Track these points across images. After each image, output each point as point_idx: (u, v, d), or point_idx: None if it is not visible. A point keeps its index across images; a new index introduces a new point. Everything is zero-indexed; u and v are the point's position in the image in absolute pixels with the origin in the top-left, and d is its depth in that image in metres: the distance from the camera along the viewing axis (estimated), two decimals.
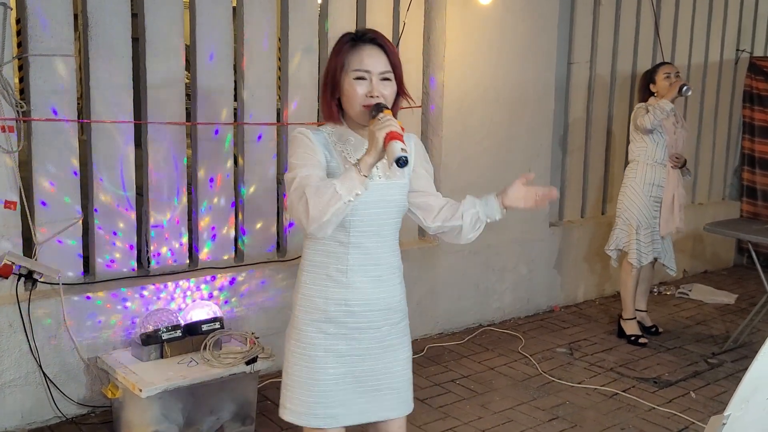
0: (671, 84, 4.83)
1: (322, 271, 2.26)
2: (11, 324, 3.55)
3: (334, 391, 2.26)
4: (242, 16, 4.19)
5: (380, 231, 2.25)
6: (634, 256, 4.94)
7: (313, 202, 2.04)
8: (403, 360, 2.38)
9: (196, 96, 4.09)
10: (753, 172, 7.06)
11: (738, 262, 7.28)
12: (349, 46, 2.23)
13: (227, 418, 3.65)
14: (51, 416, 3.70)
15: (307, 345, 2.27)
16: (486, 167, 5.16)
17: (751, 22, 7.18)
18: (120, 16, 3.76)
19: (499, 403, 4.11)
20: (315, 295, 2.27)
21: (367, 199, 2.17)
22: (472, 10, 4.87)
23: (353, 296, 2.24)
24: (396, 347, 2.35)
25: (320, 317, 2.26)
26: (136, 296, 3.89)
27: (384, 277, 2.28)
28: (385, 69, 2.20)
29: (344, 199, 2.03)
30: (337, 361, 2.26)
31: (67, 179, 3.72)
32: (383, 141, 2.01)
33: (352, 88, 2.18)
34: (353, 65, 2.19)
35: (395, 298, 2.32)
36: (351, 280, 2.24)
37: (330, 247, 2.24)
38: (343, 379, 2.27)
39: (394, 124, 2.04)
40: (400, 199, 2.29)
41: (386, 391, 2.34)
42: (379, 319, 2.29)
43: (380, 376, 2.32)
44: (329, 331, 2.26)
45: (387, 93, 2.20)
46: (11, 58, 3.51)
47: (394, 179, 2.26)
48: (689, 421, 3.93)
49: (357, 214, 2.19)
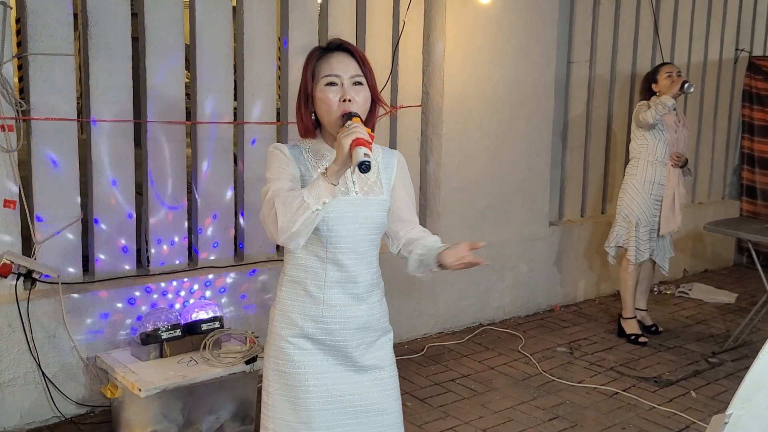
0: (673, 82, 4.83)
1: (299, 287, 2.20)
2: (10, 323, 3.55)
3: (317, 411, 2.18)
4: (242, 16, 4.19)
5: (357, 248, 2.18)
6: (632, 253, 4.94)
7: (282, 213, 2.00)
8: (387, 379, 2.28)
9: (196, 95, 4.09)
10: (752, 171, 7.06)
11: (738, 261, 7.28)
12: (318, 56, 2.21)
13: (227, 418, 3.65)
14: (50, 416, 3.70)
15: (286, 362, 2.20)
16: (486, 166, 5.16)
17: (750, 21, 7.18)
18: (120, 16, 3.76)
19: (499, 403, 4.10)
20: (292, 310, 2.21)
21: (345, 214, 2.14)
22: (472, 9, 4.87)
23: (329, 313, 2.18)
24: (377, 367, 2.25)
25: (297, 333, 2.19)
26: (136, 295, 3.88)
27: (362, 295, 2.21)
28: (355, 72, 2.17)
29: (312, 208, 1.98)
30: (318, 378, 2.19)
31: (67, 178, 3.72)
32: (349, 148, 1.96)
33: (324, 95, 2.15)
34: (323, 72, 2.17)
35: (373, 317, 2.24)
36: (328, 296, 2.18)
37: (308, 262, 2.18)
38: (326, 398, 2.19)
39: (360, 131, 1.98)
40: (379, 216, 2.22)
41: (372, 413, 2.24)
42: (356, 337, 2.21)
43: (364, 396, 2.23)
44: (306, 347, 2.19)
45: (359, 99, 2.15)
46: (11, 57, 3.50)
47: (372, 195, 2.21)
48: (690, 421, 3.93)
49: (334, 230, 2.14)
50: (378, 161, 2.26)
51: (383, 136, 4.70)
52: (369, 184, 2.22)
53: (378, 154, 2.28)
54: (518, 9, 5.11)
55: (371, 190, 2.21)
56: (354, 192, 2.18)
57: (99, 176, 3.83)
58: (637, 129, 4.96)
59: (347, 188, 2.17)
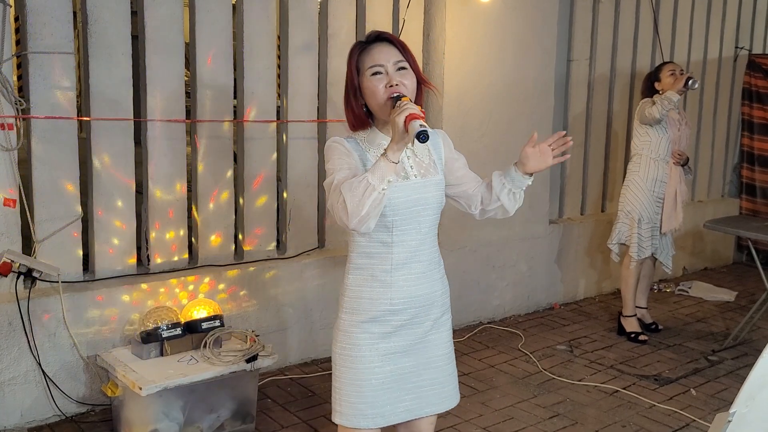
0: (677, 79, 4.84)
1: (367, 273, 2.31)
2: (10, 322, 3.54)
3: (381, 391, 2.30)
4: (242, 14, 4.18)
5: (420, 228, 2.29)
6: (634, 249, 4.94)
7: (349, 198, 2.08)
8: (444, 355, 2.41)
9: (196, 93, 4.08)
10: (752, 169, 7.06)
11: (737, 260, 7.29)
12: (359, 49, 2.31)
13: (227, 416, 3.65)
14: (50, 414, 3.69)
15: (353, 347, 2.31)
16: (485, 164, 5.12)
17: (749, 19, 7.18)
18: (119, 14, 3.75)
19: (499, 401, 4.10)
20: (361, 296, 2.31)
21: (407, 197, 2.25)
22: (472, 7, 4.87)
23: (397, 294, 2.29)
24: (437, 342, 2.39)
25: (365, 318, 2.30)
26: (136, 294, 3.88)
27: (426, 273, 2.33)
28: (397, 59, 2.26)
29: (378, 188, 2.07)
30: (382, 360, 2.30)
31: (67, 177, 3.71)
32: (403, 124, 2.06)
33: (372, 84, 2.24)
34: (367, 64, 2.26)
35: (437, 293, 2.37)
36: (395, 278, 2.28)
37: (373, 248, 2.29)
38: (389, 378, 2.31)
39: (412, 107, 2.08)
40: (438, 196, 2.33)
41: (428, 387, 2.38)
42: (422, 314, 2.34)
43: (422, 372, 2.36)
44: (373, 331, 2.30)
45: (407, 82, 2.25)
46: (10, 55, 3.49)
47: (429, 177, 2.31)
48: (690, 419, 3.93)
49: (398, 213, 2.24)
50: (427, 143, 2.31)
51: None
52: (424, 166, 2.32)
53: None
54: (518, 7, 5.11)
55: (427, 171, 2.32)
56: (413, 176, 2.28)
57: (99, 175, 3.83)
58: (640, 126, 4.95)
59: (406, 173, 2.27)
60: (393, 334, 2.31)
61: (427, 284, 2.34)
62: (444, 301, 2.43)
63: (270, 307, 4.34)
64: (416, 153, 2.33)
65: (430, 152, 2.36)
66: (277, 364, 4.18)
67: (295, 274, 4.41)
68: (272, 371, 4.29)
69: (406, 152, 2.29)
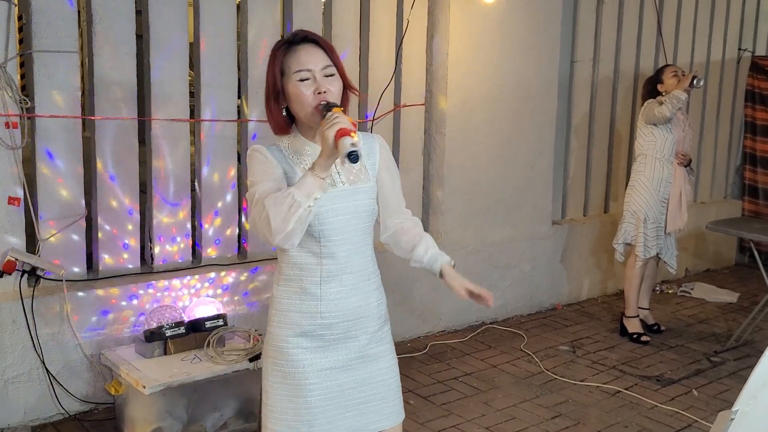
0: (680, 80, 4.85)
1: (296, 284, 2.18)
2: (14, 320, 3.55)
3: (319, 408, 2.17)
4: (246, 14, 4.19)
5: (351, 238, 2.17)
6: (640, 249, 4.94)
7: (273, 214, 1.96)
8: (386, 368, 2.28)
9: (200, 93, 4.09)
10: (755, 171, 7.06)
11: (740, 261, 7.28)
12: (284, 50, 2.15)
13: (231, 415, 3.66)
14: (54, 412, 3.70)
15: (285, 362, 2.18)
16: (489, 165, 5.16)
17: (753, 21, 7.17)
18: (124, 13, 3.76)
19: (501, 401, 4.11)
20: (290, 309, 2.18)
21: (335, 206, 2.13)
22: (476, 8, 4.87)
23: (327, 308, 2.16)
24: (377, 356, 2.25)
25: (296, 332, 2.17)
26: (140, 293, 3.89)
27: (359, 285, 2.20)
28: (326, 64, 2.12)
29: (304, 205, 1.96)
30: (318, 375, 2.17)
31: (71, 176, 3.72)
32: (333, 139, 1.93)
33: (298, 90, 2.10)
34: (293, 67, 2.11)
35: (371, 305, 2.23)
36: (325, 291, 2.16)
37: (302, 258, 2.16)
38: (327, 395, 2.18)
39: (342, 121, 1.96)
40: (369, 203, 2.21)
41: (372, 403, 2.25)
42: (356, 328, 2.20)
43: (364, 388, 2.23)
44: (306, 345, 2.17)
45: (334, 89, 2.12)
46: (15, 54, 3.51)
47: (359, 184, 2.19)
48: (692, 419, 3.93)
49: (326, 223, 2.12)
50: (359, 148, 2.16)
51: (386, 135, 4.71)
52: (354, 173, 2.19)
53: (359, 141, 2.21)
54: (522, 8, 5.12)
55: (357, 178, 2.19)
56: (341, 183, 2.16)
57: (103, 174, 3.84)
58: (645, 126, 4.95)
59: (333, 180, 2.14)
60: (327, 348, 2.18)
61: (359, 296, 2.20)
62: (381, 313, 2.27)
63: None
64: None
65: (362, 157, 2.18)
66: None
67: None
68: None
69: None
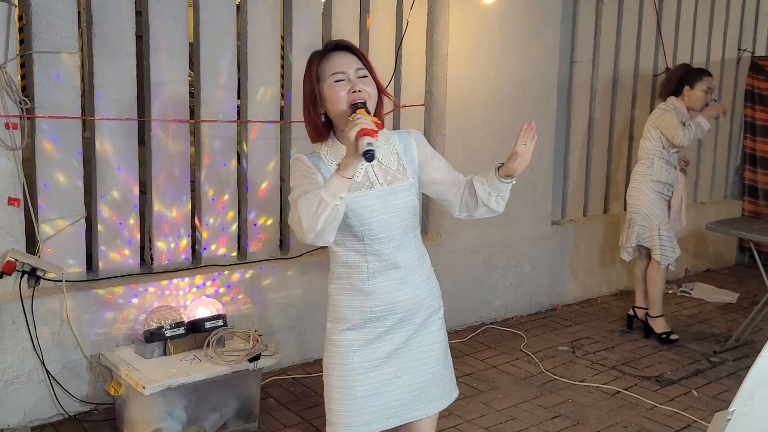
0: (707, 103, 4.88)
1: (345, 282, 2.31)
2: (14, 321, 3.56)
3: (365, 398, 2.30)
4: (245, 14, 4.20)
5: (393, 235, 2.27)
6: (657, 252, 4.90)
7: (304, 214, 2.08)
8: (431, 357, 2.38)
9: (200, 93, 4.10)
10: (755, 171, 7.06)
11: (740, 261, 7.28)
12: (319, 58, 2.30)
13: (230, 416, 3.66)
14: (54, 413, 3.71)
15: (336, 354, 2.32)
16: (488, 165, 5.13)
17: (752, 21, 7.17)
18: (124, 14, 3.77)
19: (501, 401, 4.11)
20: (341, 305, 2.32)
21: (375, 206, 2.24)
22: (475, 8, 4.87)
23: (376, 302, 2.28)
24: (421, 344, 2.36)
25: (347, 326, 2.30)
26: (140, 293, 3.89)
27: (407, 279, 2.31)
28: (358, 66, 2.26)
29: (330, 204, 2.06)
30: (366, 368, 2.30)
31: (71, 176, 3.73)
32: (354, 139, 2.03)
33: (334, 91, 2.22)
34: (328, 71, 2.25)
35: (419, 297, 2.34)
36: (372, 287, 2.28)
37: (349, 257, 2.29)
38: (374, 386, 2.30)
39: (364, 121, 2.06)
40: (408, 201, 2.31)
41: (417, 391, 2.36)
42: (405, 320, 2.32)
43: (406, 376, 2.34)
44: (356, 338, 2.30)
45: (369, 89, 2.24)
46: (15, 55, 3.51)
47: (397, 183, 2.29)
48: (691, 420, 3.93)
49: (366, 224, 2.23)
50: (395, 148, 2.33)
51: None
52: (392, 172, 2.30)
53: (394, 141, 2.35)
54: (521, 8, 5.12)
55: (395, 178, 2.30)
56: (378, 184, 2.27)
57: (103, 174, 3.84)
58: (656, 129, 4.92)
59: (371, 182, 2.25)
60: (376, 340, 2.31)
61: (407, 289, 2.31)
62: (430, 303, 2.39)
63: (273, 307, 4.34)
64: (381, 160, 2.29)
65: (398, 157, 2.34)
66: (280, 363, 4.19)
67: (298, 275, 4.42)
68: (275, 371, 4.29)
69: None
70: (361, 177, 2.25)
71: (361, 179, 2.24)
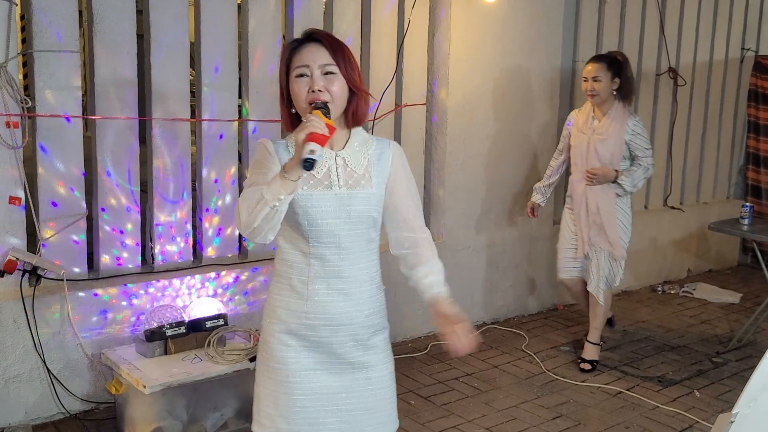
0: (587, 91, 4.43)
1: (285, 282, 2.18)
2: (15, 320, 3.56)
3: (298, 408, 2.15)
4: (247, 14, 4.19)
5: (341, 242, 2.13)
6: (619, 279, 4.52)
7: (244, 208, 1.99)
8: (377, 378, 2.22)
9: (201, 93, 4.09)
10: (758, 171, 7.04)
11: (742, 261, 7.26)
12: (290, 49, 2.16)
13: (231, 415, 3.65)
14: (55, 412, 3.71)
15: (271, 356, 2.18)
16: (490, 164, 5.16)
17: (756, 20, 7.15)
18: (125, 13, 3.76)
19: (502, 401, 4.10)
20: (278, 305, 2.19)
21: (326, 208, 2.11)
22: (477, 8, 4.86)
23: (313, 309, 2.14)
24: (366, 365, 2.20)
25: (282, 329, 2.17)
26: (141, 293, 3.89)
27: (351, 291, 2.16)
28: (325, 62, 2.10)
29: (270, 204, 1.95)
30: (301, 375, 2.16)
31: (72, 175, 3.72)
32: (303, 143, 1.92)
33: (296, 86, 2.10)
34: (294, 64, 2.12)
35: (362, 314, 2.18)
36: (312, 291, 2.14)
37: (293, 257, 2.16)
38: (309, 395, 2.16)
39: (315, 125, 1.94)
40: (365, 210, 2.15)
41: (359, 412, 2.20)
42: (341, 333, 2.16)
43: (350, 395, 2.19)
44: (291, 344, 2.16)
45: (334, 88, 2.09)
46: (16, 54, 3.51)
47: (358, 189, 2.14)
48: (693, 420, 3.92)
49: (314, 225, 2.10)
50: (368, 153, 2.20)
51: (387, 134, 4.70)
52: (355, 177, 2.15)
53: (369, 146, 2.21)
54: (523, 8, 5.11)
55: (357, 183, 2.15)
56: (338, 186, 2.13)
57: (104, 173, 3.84)
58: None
59: (330, 182, 2.12)
60: (311, 348, 2.16)
61: (349, 302, 2.16)
62: (372, 322, 2.21)
63: None
64: (348, 162, 2.16)
65: (369, 163, 2.18)
66: None
67: None
68: None
69: (335, 160, 2.14)
70: (322, 175, 2.12)
71: (322, 177, 2.12)
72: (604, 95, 4.38)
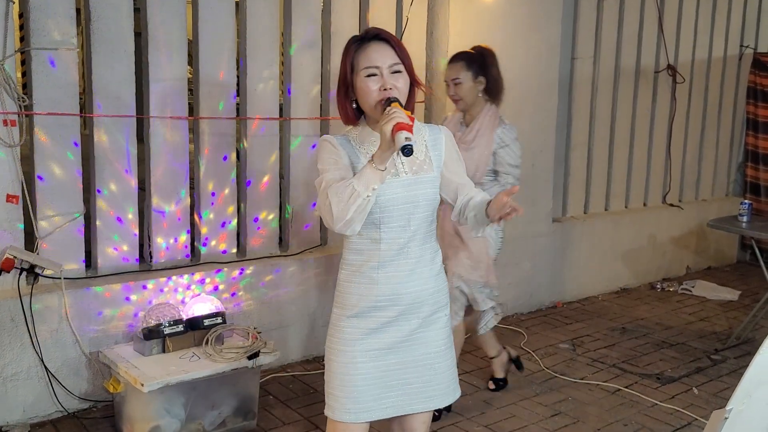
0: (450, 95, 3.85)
1: (355, 269, 2.31)
2: (13, 318, 3.56)
3: (364, 386, 2.30)
4: (245, 11, 4.19)
5: (409, 225, 2.27)
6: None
7: (335, 203, 2.12)
8: (435, 353, 2.37)
9: (199, 90, 4.09)
10: (757, 169, 7.04)
11: (741, 259, 7.27)
12: (356, 47, 2.28)
13: (229, 413, 3.65)
14: (53, 410, 3.70)
15: (339, 340, 2.33)
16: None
17: (755, 17, 7.15)
18: (122, 11, 3.76)
19: (501, 399, 4.10)
20: (349, 292, 2.32)
21: (396, 195, 2.24)
22: (476, 5, 4.86)
23: (383, 291, 2.28)
24: (425, 340, 2.35)
25: (352, 313, 2.31)
26: (138, 290, 3.89)
27: (415, 271, 2.31)
28: (393, 61, 2.24)
29: (362, 195, 2.09)
30: (366, 356, 2.30)
31: (70, 173, 3.72)
32: (390, 133, 2.06)
33: (365, 85, 2.23)
34: (362, 64, 2.24)
35: (427, 291, 2.34)
36: (381, 275, 2.28)
37: (363, 245, 2.29)
38: (373, 374, 2.31)
39: (400, 116, 2.08)
40: (430, 193, 2.31)
41: (416, 385, 2.36)
42: (409, 312, 2.31)
43: (409, 370, 2.34)
44: (360, 326, 2.30)
45: (400, 85, 2.24)
46: (13, 51, 3.50)
47: (422, 174, 2.30)
48: (692, 417, 3.92)
49: (386, 211, 2.24)
50: (425, 139, 2.34)
51: None
52: (418, 163, 2.30)
53: (424, 133, 2.36)
54: (522, 5, 5.10)
55: (420, 168, 2.30)
56: (404, 173, 2.27)
57: (101, 171, 3.83)
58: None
59: (397, 170, 2.25)
60: (379, 330, 2.30)
61: (415, 282, 2.31)
62: (437, 299, 2.37)
63: (272, 304, 4.34)
64: None
65: (427, 148, 2.34)
66: (279, 361, 4.18)
67: (297, 272, 4.41)
68: (274, 368, 4.29)
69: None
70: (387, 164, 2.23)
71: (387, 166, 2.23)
72: (469, 99, 3.75)
